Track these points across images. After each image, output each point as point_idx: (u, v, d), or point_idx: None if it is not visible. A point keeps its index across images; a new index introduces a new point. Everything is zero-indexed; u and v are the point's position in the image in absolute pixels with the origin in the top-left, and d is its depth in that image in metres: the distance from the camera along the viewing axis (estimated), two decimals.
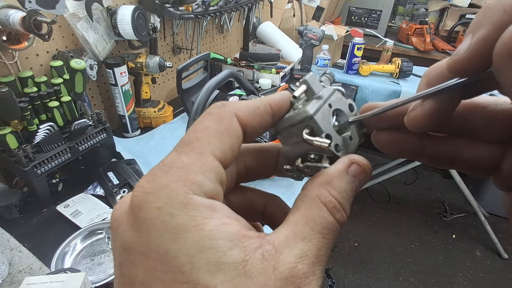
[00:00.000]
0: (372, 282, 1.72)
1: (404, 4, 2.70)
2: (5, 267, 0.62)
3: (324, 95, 0.18)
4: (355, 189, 0.16)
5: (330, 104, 0.18)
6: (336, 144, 0.18)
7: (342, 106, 0.19)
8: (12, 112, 0.72)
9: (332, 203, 0.15)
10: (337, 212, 0.15)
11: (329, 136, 0.18)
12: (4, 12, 0.69)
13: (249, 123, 0.16)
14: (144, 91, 1.15)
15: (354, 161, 0.16)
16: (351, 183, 0.16)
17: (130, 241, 0.13)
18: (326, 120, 0.18)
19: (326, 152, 0.18)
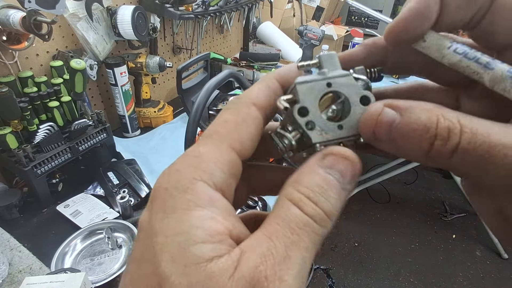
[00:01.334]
0: (372, 282, 1.72)
1: (404, 4, 2.70)
2: (5, 267, 0.62)
3: (329, 74, 0.17)
4: (336, 183, 0.14)
5: (330, 83, 0.17)
6: (309, 120, 0.16)
7: (350, 93, 0.17)
8: (12, 112, 0.72)
9: (299, 198, 0.14)
10: (305, 206, 0.13)
11: (305, 109, 0.16)
12: (4, 12, 0.69)
13: (266, 105, 0.17)
14: (144, 91, 1.15)
15: (328, 152, 0.15)
16: (326, 175, 0.14)
17: (141, 219, 0.14)
18: (311, 94, 0.16)
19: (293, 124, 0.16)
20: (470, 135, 0.13)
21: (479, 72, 0.15)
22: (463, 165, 0.13)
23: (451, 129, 0.13)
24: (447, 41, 0.16)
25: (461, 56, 0.15)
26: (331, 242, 1.92)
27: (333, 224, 0.14)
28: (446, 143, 0.13)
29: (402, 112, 0.14)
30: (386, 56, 0.19)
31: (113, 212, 0.80)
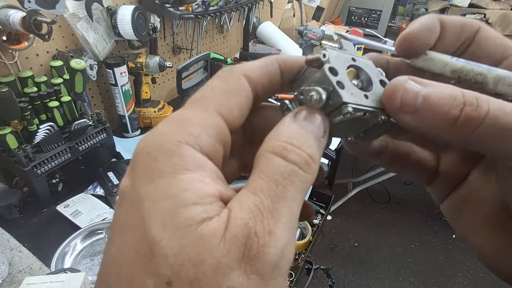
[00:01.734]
0: (372, 282, 1.72)
1: (404, 4, 2.70)
2: (5, 267, 0.62)
3: (352, 52, 0.17)
4: (313, 132, 0.14)
5: (354, 58, 0.17)
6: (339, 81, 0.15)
7: (371, 73, 0.17)
8: (12, 112, 0.72)
9: (282, 146, 0.13)
10: (289, 153, 0.13)
11: (335, 70, 0.15)
12: (4, 12, 0.69)
13: (259, 81, 0.16)
14: (144, 91, 1.15)
15: (299, 110, 0.15)
16: (303, 127, 0.14)
17: (122, 185, 0.13)
18: (339, 60, 0.16)
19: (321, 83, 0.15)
20: (499, 105, 0.13)
21: (483, 73, 0.15)
22: (488, 135, 0.13)
23: (478, 97, 0.13)
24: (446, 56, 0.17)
25: (464, 63, 0.16)
26: (331, 242, 1.92)
27: (316, 173, 0.14)
28: (476, 108, 0.13)
29: (426, 85, 0.14)
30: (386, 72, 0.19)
31: (113, 212, 0.79)
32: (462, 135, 0.14)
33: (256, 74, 0.16)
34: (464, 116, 0.13)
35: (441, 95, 0.14)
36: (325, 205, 1.19)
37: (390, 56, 0.19)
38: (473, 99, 0.13)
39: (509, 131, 0.13)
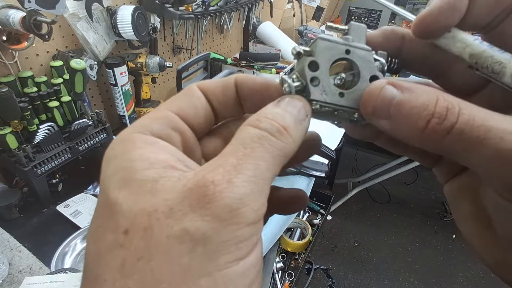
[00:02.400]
0: (372, 282, 1.72)
1: (404, 4, 2.70)
2: (5, 267, 0.62)
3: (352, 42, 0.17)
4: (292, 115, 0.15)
5: (349, 51, 0.17)
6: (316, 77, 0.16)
7: (363, 67, 0.16)
8: (12, 112, 0.72)
9: (257, 119, 0.14)
10: (261, 123, 0.14)
11: (316, 65, 0.16)
12: (4, 12, 0.69)
13: (211, 91, 0.17)
14: (144, 91, 1.15)
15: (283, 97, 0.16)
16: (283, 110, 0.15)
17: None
18: (327, 53, 0.16)
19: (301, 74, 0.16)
20: (468, 117, 0.13)
21: (503, 62, 0.14)
22: (455, 146, 0.13)
23: (450, 109, 0.13)
24: (470, 35, 0.16)
25: (486, 47, 0.15)
26: (331, 242, 1.92)
27: (295, 145, 0.15)
28: (442, 121, 0.13)
29: (404, 91, 0.14)
30: (400, 48, 0.18)
31: None
32: (430, 145, 0.14)
33: (208, 85, 0.17)
34: (430, 128, 0.13)
35: (414, 103, 0.14)
36: (325, 205, 1.19)
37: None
38: (443, 110, 0.13)
39: (473, 145, 0.13)
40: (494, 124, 0.13)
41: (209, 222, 0.12)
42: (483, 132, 0.13)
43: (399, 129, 0.15)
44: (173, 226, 0.12)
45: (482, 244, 0.17)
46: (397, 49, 0.18)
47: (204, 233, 0.12)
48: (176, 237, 0.12)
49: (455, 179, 0.19)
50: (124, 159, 0.13)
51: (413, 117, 0.14)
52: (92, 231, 0.13)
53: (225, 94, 0.17)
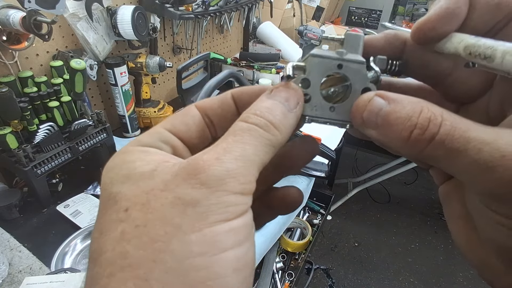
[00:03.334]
0: (372, 282, 1.72)
1: (404, 4, 2.70)
2: (5, 267, 0.62)
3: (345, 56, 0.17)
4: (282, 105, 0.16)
5: (342, 65, 0.17)
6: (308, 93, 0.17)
7: (355, 81, 0.17)
8: (12, 112, 0.72)
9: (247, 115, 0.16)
10: (251, 118, 0.15)
11: (308, 82, 0.17)
12: (4, 12, 0.69)
13: (208, 106, 0.18)
14: (144, 91, 1.15)
15: (274, 87, 0.17)
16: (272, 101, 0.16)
17: None
18: (319, 69, 0.17)
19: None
20: (449, 128, 0.14)
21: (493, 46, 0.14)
22: (436, 156, 0.14)
23: (432, 120, 0.14)
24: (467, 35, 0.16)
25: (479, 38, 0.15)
26: (331, 242, 1.92)
27: (283, 137, 0.16)
28: (424, 132, 0.14)
29: (390, 102, 0.15)
30: (402, 53, 0.19)
31: None
32: (414, 153, 0.15)
33: (206, 103, 0.19)
34: (412, 138, 0.14)
35: (399, 114, 0.15)
36: (325, 205, 1.19)
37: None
38: (425, 121, 0.14)
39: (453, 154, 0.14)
40: (473, 135, 0.13)
41: (198, 188, 0.13)
42: (463, 143, 0.13)
43: (386, 138, 0.15)
44: (167, 197, 0.13)
45: (468, 245, 0.17)
46: (398, 53, 0.19)
47: (193, 197, 0.13)
48: (170, 203, 0.13)
49: (449, 182, 0.19)
50: (123, 161, 0.15)
51: (398, 127, 0.15)
52: (97, 222, 0.15)
53: (223, 108, 0.19)
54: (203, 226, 0.13)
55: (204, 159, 0.14)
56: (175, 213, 0.13)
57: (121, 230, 0.13)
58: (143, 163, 0.15)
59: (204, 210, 0.13)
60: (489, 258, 0.16)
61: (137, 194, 0.14)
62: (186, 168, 0.14)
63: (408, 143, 0.14)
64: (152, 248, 0.13)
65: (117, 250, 0.13)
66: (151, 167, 0.14)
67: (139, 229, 0.13)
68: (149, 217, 0.13)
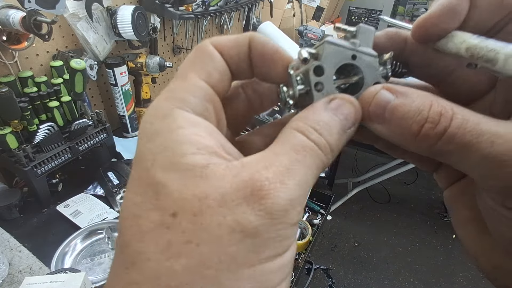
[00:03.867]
0: (372, 282, 1.72)
1: (404, 4, 2.70)
2: (5, 267, 0.62)
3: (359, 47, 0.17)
4: (340, 123, 0.15)
5: (356, 56, 0.16)
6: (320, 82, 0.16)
7: (367, 74, 0.17)
8: (12, 112, 0.72)
9: (305, 127, 0.14)
10: (311, 134, 0.14)
11: (322, 70, 0.16)
12: (4, 12, 0.69)
13: (224, 48, 0.16)
14: (144, 91, 1.15)
15: (335, 97, 0.15)
16: (331, 115, 0.15)
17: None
18: (334, 58, 0.16)
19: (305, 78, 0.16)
20: (461, 121, 0.13)
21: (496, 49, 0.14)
22: (447, 151, 0.14)
23: (443, 113, 0.13)
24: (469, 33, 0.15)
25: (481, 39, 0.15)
26: (331, 242, 1.92)
27: (332, 159, 0.15)
28: (435, 126, 0.13)
29: (398, 95, 0.14)
30: (403, 51, 0.18)
31: (113, 212, 0.80)
32: (424, 148, 0.14)
33: (223, 43, 0.17)
34: (423, 133, 0.14)
35: (408, 108, 0.14)
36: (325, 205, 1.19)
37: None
38: (436, 115, 0.13)
39: (465, 149, 0.13)
40: (485, 128, 0.13)
41: (261, 217, 0.12)
42: (475, 136, 0.13)
43: (394, 133, 0.15)
44: (226, 216, 0.12)
45: (479, 250, 0.17)
46: (399, 51, 0.18)
47: (255, 227, 0.12)
48: (228, 226, 0.12)
49: (455, 185, 0.19)
50: (169, 139, 0.13)
51: (407, 122, 0.14)
52: (130, 207, 0.13)
53: (239, 56, 0.17)
54: (257, 262, 0.12)
55: (269, 179, 0.12)
56: (233, 241, 0.12)
57: (167, 241, 0.12)
58: (192, 149, 0.13)
59: (261, 243, 0.12)
60: (503, 261, 0.15)
61: (187, 197, 0.12)
62: (247, 183, 0.12)
63: (418, 138, 0.14)
64: (202, 275, 0.12)
65: (164, 265, 0.12)
66: (203, 161, 0.13)
67: (190, 247, 0.12)
68: (202, 235, 0.12)
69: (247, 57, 0.17)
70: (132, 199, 0.13)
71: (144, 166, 0.13)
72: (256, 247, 0.12)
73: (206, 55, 0.16)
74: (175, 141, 0.13)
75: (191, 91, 0.15)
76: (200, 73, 0.15)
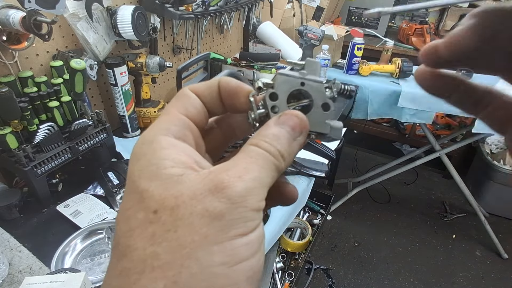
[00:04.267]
0: (372, 282, 1.72)
1: (404, 4, 2.70)
2: (5, 267, 0.62)
3: (307, 76, 0.20)
4: (286, 133, 0.18)
5: (304, 83, 0.20)
6: (275, 105, 0.20)
7: (316, 97, 0.20)
8: (12, 112, 0.72)
9: (257, 141, 0.18)
10: (262, 144, 0.17)
11: (276, 95, 0.20)
12: (4, 12, 0.69)
13: (201, 92, 0.20)
14: (144, 91, 1.15)
15: (283, 113, 0.19)
16: (279, 129, 0.18)
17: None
18: (285, 85, 0.20)
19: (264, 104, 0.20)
20: None
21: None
22: None
23: None
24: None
25: None
26: (331, 242, 1.92)
27: (286, 164, 0.18)
28: None
29: None
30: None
31: (113, 212, 0.80)
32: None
33: (198, 88, 0.20)
34: None
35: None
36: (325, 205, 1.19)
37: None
38: None
39: None
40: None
41: (224, 203, 0.15)
42: None
43: None
44: (196, 206, 0.15)
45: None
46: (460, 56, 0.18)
47: (220, 210, 0.15)
48: (198, 213, 0.15)
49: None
50: (153, 157, 0.16)
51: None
52: (122, 213, 0.16)
53: (211, 95, 0.20)
54: (225, 239, 0.15)
55: (230, 175, 0.15)
56: (203, 224, 0.15)
57: (151, 232, 0.15)
58: (172, 164, 0.16)
59: (227, 224, 0.15)
60: None
61: (165, 197, 0.15)
62: (213, 181, 0.15)
63: None
64: (180, 253, 0.14)
65: (149, 250, 0.14)
66: (179, 171, 0.16)
67: (169, 234, 0.14)
68: (179, 223, 0.15)
69: (217, 95, 0.20)
70: (124, 206, 0.16)
71: (132, 179, 0.16)
72: (223, 227, 0.15)
73: (185, 96, 0.20)
74: (158, 157, 0.16)
75: (172, 121, 0.18)
76: (180, 109, 0.19)
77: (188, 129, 0.19)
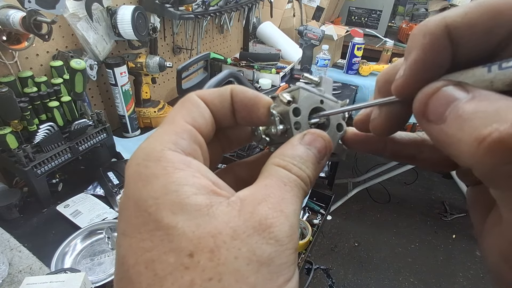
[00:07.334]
0: (372, 282, 1.72)
1: (404, 4, 2.70)
2: (5, 267, 0.62)
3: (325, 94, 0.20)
4: (313, 156, 0.17)
5: (323, 100, 0.20)
6: (298, 121, 0.18)
7: (333, 116, 0.20)
8: (12, 112, 0.72)
9: (285, 163, 0.16)
10: (292, 168, 0.16)
11: (299, 111, 0.18)
12: (4, 12, 0.69)
13: (210, 100, 0.18)
14: (144, 91, 1.15)
15: (308, 132, 0.17)
16: (306, 150, 0.17)
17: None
18: (307, 101, 0.19)
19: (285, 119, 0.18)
20: None
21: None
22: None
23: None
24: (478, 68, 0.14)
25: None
26: (331, 242, 1.92)
27: (309, 189, 0.17)
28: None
29: (470, 91, 0.13)
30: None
31: (113, 212, 0.80)
32: (483, 163, 0.11)
33: (207, 95, 0.18)
34: (496, 140, 0.11)
35: (486, 110, 0.11)
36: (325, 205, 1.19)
37: None
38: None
39: None
40: None
41: (272, 245, 0.13)
42: None
43: (449, 138, 0.12)
44: (241, 248, 0.12)
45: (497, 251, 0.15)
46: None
47: (269, 254, 0.13)
48: (245, 258, 0.12)
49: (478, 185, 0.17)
50: (169, 182, 0.13)
51: (474, 123, 0.11)
52: (140, 252, 0.13)
53: (222, 104, 0.18)
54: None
55: (271, 209, 0.14)
56: (250, 271, 0.12)
57: (189, 280, 0.12)
58: (194, 190, 0.13)
59: (275, 270, 0.13)
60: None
61: (201, 236, 0.12)
62: (253, 216, 0.13)
63: (484, 148, 0.11)
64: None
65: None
66: (205, 200, 0.13)
67: (212, 283, 0.12)
68: (222, 270, 0.12)
69: (229, 105, 0.18)
70: (139, 244, 0.13)
71: (146, 210, 0.13)
72: (271, 274, 0.13)
73: (192, 103, 0.17)
74: (175, 183, 0.13)
75: (179, 133, 0.16)
76: (186, 118, 0.17)
77: (197, 143, 0.16)
